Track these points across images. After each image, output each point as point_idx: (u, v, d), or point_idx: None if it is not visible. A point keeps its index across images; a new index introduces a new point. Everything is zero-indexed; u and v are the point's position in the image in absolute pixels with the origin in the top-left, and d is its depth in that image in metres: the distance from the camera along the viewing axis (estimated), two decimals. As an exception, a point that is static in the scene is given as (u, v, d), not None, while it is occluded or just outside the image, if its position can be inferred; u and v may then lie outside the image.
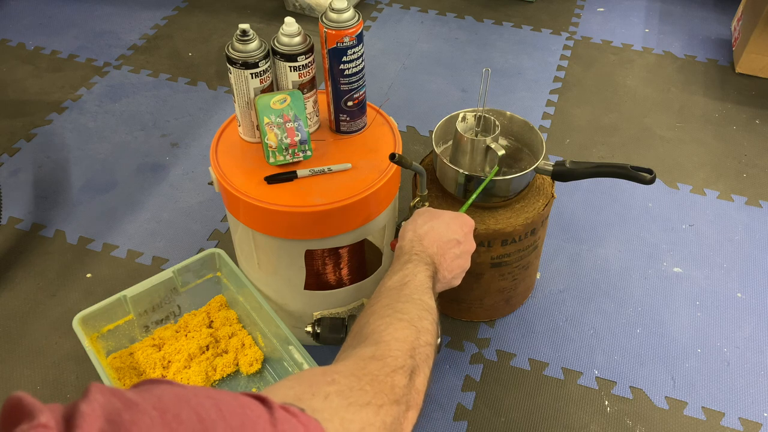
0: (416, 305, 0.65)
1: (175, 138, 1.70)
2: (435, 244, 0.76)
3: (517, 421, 1.13)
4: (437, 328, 0.65)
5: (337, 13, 0.97)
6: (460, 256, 0.78)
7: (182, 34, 2.09)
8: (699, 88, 1.88)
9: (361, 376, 0.50)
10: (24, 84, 1.87)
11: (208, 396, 0.31)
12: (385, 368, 0.53)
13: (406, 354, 0.56)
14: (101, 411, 0.25)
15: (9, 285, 1.34)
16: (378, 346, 0.56)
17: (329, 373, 0.48)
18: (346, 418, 0.44)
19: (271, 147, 1.00)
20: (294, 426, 0.35)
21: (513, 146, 1.18)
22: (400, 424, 0.51)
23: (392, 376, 0.52)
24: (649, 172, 1.01)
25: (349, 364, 0.52)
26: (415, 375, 0.56)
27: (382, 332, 0.58)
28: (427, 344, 0.60)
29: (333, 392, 0.45)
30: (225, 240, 1.43)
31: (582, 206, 1.52)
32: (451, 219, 0.81)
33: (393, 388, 0.51)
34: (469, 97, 1.83)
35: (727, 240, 1.44)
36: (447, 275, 0.77)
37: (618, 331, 1.27)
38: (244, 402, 0.33)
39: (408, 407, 0.53)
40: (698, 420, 1.13)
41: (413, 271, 0.71)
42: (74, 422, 0.24)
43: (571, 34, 2.09)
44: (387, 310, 0.62)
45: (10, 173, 1.59)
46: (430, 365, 0.60)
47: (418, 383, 0.56)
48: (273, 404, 0.35)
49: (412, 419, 0.54)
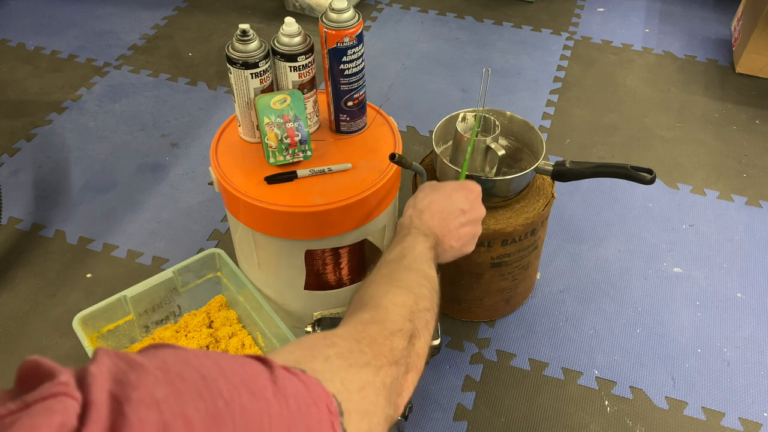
0: (415, 273, 0.66)
1: (175, 138, 1.70)
2: (436, 216, 0.77)
3: (517, 421, 1.13)
4: (437, 297, 0.66)
5: (337, 13, 0.97)
6: (466, 224, 0.79)
7: (182, 34, 2.09)
8: (699, 88, 1.88)
9: (360, 339, 0.51)
10: (24, 84, 1.87)
11: (208, 356, 0.33)
12: (384, 331, 0.54)
13: (404, 318, 0.57)
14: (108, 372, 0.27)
15: (9, 285, 1.34)
16: (377, 311, 0.57)
17: (329, 337, 0.49)
18: (346, 378, 0.44)
19: (271, 147, 1.00)
20: (295, 384, 0.36)
21: (513, 146, 1.18)
22: (400, 385, 0.52)
23: (391, 339, 0.53)
24: (649, 172, 1.01)
25: (348, 329, 0.53)
26: (415, 339, 0.57)
27: (381, 298, 0.59)
28: (425, 310, 0.61)
29: (333, 354, 0.46)
30: (225, 240, 1.43)
31: (582, 206, 1.52)
32: (454, 189, 0.81)
33: (392, 350, 0.52)
34: (469, 97, 1.83)
35: (727, 240, 1.44)
36: (455, 244, 0.77)
37: (618, 331, 1.27)
38: (244, 362, 0.35)
39: (408, 369, 0.54)
40: (698, 420, 1.13)
41: (412, 243, 0.71)
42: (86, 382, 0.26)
43: (571, 34, 2.09)
44: (385, 278, 0.63)
45: (10, 173, 1.59)
46: (430, 331, 0.61)
47: (417, 347, 0.57)
48: (273, 363, 0.36)
49: (413, 381, 0.55)
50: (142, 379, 0.27)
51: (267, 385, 0.34)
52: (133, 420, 0.25)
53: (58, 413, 0.24)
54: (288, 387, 0.35)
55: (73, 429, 0.24)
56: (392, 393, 0.50)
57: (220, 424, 0.28)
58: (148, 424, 0.26)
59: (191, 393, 0.28)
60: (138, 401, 0.26)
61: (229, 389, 0.31)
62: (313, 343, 0.47)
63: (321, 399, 0.38)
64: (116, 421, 0.25)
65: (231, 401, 0.30)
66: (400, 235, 0.74)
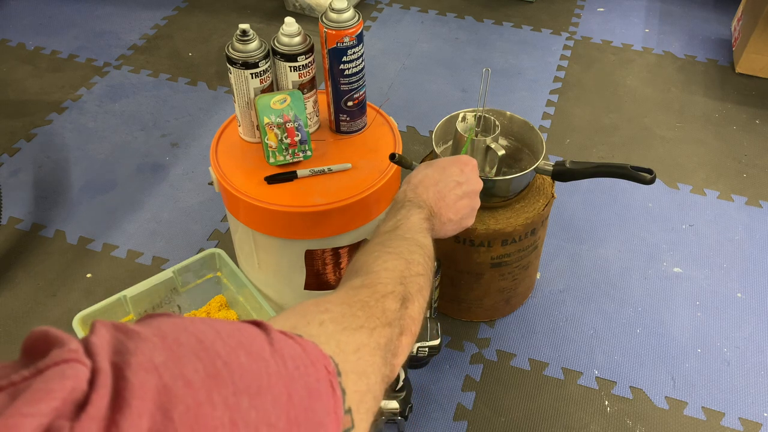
0: (407, 241, 0.66)
1: (175, 138, 1.70)
2: (430, 189, 0.77)
3: (517, 421, 1.13)
4: (431, 264, 0.66)
5: (337, 13, 0.97)
6: (463, 197, 0.79)
7: (182, 34, 2.09)
8: (699, 88, 1.88)
9: (351, 303, 0.51)
10: (24, 84, 1.87)
11: (204, 322, 0.33)
12: (375, 294, 0.54)
13: (395, 281, 0.58)
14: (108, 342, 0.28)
15: (9, 285, 1.34)
16: (368, 276, 0.58)
17: (322, 303, 0.50)
18: (341, 341, 0.45)
19: (271, 147, 1.00)
20: (291, 346, 0.37)
21: (513, 146, 1.18)
22: (394, 346, 0.52)
23: (382, 301, 0.54)
24: (649, 172, 1.01)
25: (340, 294, 0.54)
26: (408, 302, 0.57)
27: (371, 264, 0.60)
28: (417, 275, 0.61)
29: (327, 319, 0.47)
30: (225, 240, 1.43)
31: (582, 206, 1.52)
32: (448, 163, 0.81)
33: (384, 312, 0.53)
34: (469, 97, 1.83)
35: (727, 240, 1.44)
36: (453, 216, 0.77)
37: (618, 331, 1.27)
38: (241, 326, 0.35)
39: (402, 331, 0.54)
40: (698, 420, 1.13)
41: (406, 215, 0.72)
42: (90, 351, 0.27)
43: (571, 34, 2.09)
44: (377, 247, 0.64)
45: (10, 173, 1.59)
46: (425, 296, 0.61)
47: (411, 311, 0.57)
48: (270, 327, 0.37)
49: (407, 344, 0.55)
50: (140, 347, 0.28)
51: (264, 346, 0.34)
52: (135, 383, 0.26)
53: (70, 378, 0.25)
54: (285, 348, 0.36)
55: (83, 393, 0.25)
56: (387, 353, 0.50)
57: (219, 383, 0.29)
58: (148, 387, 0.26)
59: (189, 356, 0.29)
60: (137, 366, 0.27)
61: (226, 350, 0.31)
62: (307, 309, 0.48)
63: (318, 360, 0.38)
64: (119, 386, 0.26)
65: (229, 361, 0.31)
66: (394, 209, 0.74)
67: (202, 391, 0.28)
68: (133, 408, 0.25)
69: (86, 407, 0.25)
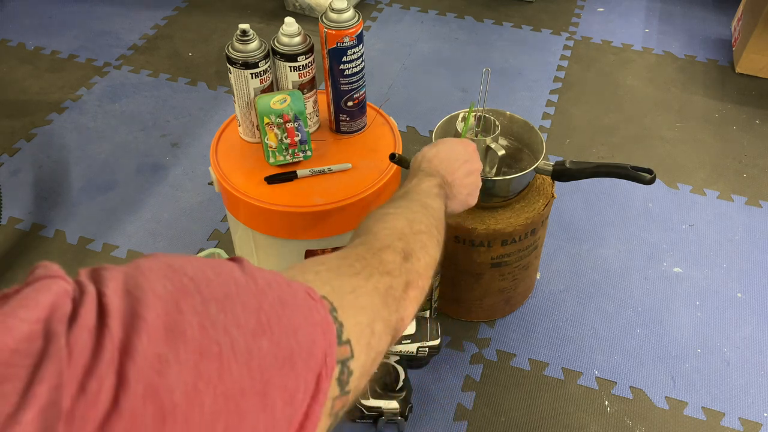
0: (413, 203, 0.67)
1: (175, 138, 1.70)
2: (444, 162, 0.79)
3: (517, 421, 1.13)
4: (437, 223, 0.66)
5: (337, 13, 0.97)
6: (469, 174, 0.81)
7: (182, 34, 2.09)
8: (699, 88, 1.88)
9: (347, 256, 0.52)
10: (24, 84, 1.87)
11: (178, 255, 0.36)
12: (372, 249, 0.55)
13: (393, 237, 0.58)
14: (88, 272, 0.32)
15: (9, 285, 1.33)
16: (366, 236, 0.58)
17: (320, 258, 0.51)
18: (335, 285, 0.46)
19: (271, 147, 1.00)
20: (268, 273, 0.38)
21: (513, 146, 1.18)
22: (398, 295, 0.52)
23: (379, 254, 0.54)
24: (649, 172, 1.01)
25: (338, 252, 0.54)
26: (411, 257, 0.57)
27: (372, 226, 0.60)
28: (420, 233, 0.61)
29: (323, 269, 0.48)
30: (225, 240, 1.43)
31: (582, 206, 1.52)
32: (455, 142, 0.85)
33: (382, 262, 0.53)
34: (469, 97, 1.83)
35: (727, 240, 1.44)
36: (462, 191, 0.79)
37: (618, 331, 1.27)
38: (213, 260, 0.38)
39: (407, 284, 0.54)
40: (698, 420, 1.13)
41: (417, 182, 0.73)
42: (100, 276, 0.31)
43: (571, 34, 2.09)
44: (381, 210, 0.65)
45: (10, 173, 1.59)
46: (431, 254, 0.61)
47: (417, 266, 0.57)
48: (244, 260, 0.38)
49: (415, 298, 0.55)
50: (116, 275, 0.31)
51: (234, 268, 0.36)
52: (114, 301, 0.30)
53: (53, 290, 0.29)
54: (257, 273, 0.37)
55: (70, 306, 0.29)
56: (388, 298, 0.50)
57: (187, 295, 0.32)
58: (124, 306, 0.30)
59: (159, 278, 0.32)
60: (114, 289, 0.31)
61: (194, 270, 0.34)
62: (304, 264, 0.49)
63: (299, 286, 0.39)
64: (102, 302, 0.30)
65: (196, 277, 0.33)
66: (407, 180, 0.76)
67: (171, 302, 0.31)
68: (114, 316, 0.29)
69: (77, 319, 0.28)
